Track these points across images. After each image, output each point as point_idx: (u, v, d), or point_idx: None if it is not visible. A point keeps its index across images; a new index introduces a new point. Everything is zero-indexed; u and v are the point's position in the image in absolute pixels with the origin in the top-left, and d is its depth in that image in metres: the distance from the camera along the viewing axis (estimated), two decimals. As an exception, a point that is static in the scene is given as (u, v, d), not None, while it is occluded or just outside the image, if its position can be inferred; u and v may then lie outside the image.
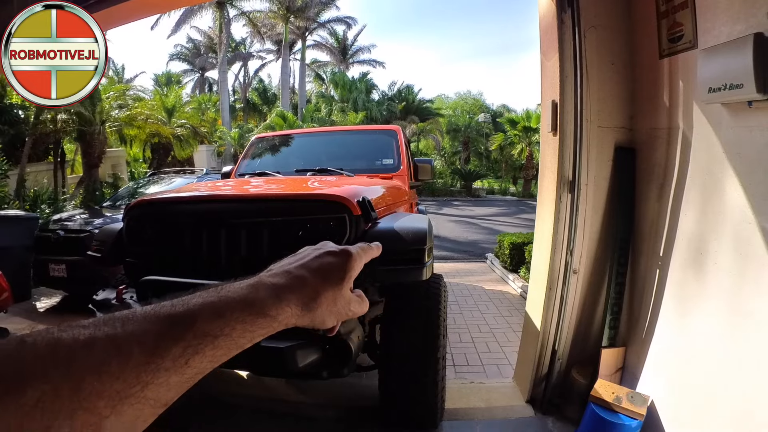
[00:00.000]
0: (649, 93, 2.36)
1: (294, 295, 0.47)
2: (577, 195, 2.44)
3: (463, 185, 25.55)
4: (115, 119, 12.90)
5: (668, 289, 2.20)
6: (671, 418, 2.06)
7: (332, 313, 0.51)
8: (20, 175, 10.22)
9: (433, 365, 2.18)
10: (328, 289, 0.50)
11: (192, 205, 2.41)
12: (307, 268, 0.51)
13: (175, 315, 0.39)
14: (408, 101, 25.03)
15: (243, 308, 0.43)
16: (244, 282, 0.47)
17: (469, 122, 29.49)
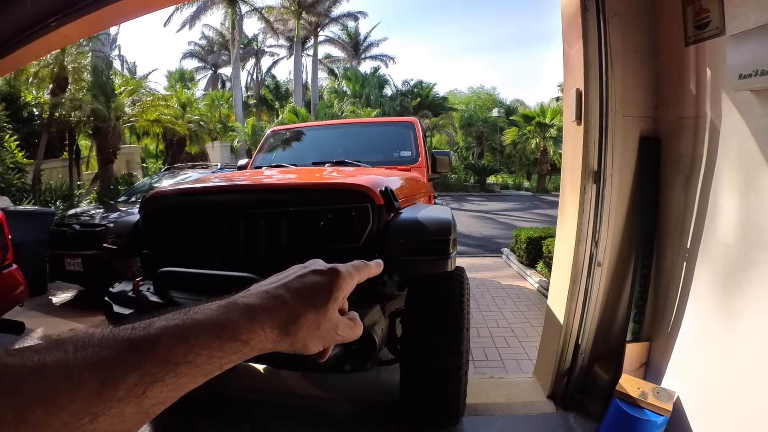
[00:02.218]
0: (675, 81, 2.29)
1: (270, 317, 0.43)
2: (602, 186, 2.38)
3: (476, 180, 25.40)
4: (130, 115, 13.02)
5: (695, 282, 2.13)
6: (697, 414, 2.01)
7: (315, 337, 0.47)
8: (36, 170, 10.44)
9: (457, 359, 2.12)
10: (309, 312, 0.46)
11: (210, 195, 2.38)
12: (287, 288, 0.47)
13: (134, 339, 0.36)
14: (421, 96, 24.91)
15: (210, 332, 0.39)
16: (216, 303, 0.43)
17: (484, 117, 29.26)
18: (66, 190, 10.31)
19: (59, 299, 5.57)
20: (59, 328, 3.52)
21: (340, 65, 33.30)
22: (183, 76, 31.32)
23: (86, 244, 5.26)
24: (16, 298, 3.07)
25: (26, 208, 6.05)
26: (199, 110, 17.52)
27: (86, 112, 11.59)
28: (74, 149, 12.64)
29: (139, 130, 14.12)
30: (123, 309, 2.09)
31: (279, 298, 0.45)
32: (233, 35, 25.66)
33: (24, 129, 10.99)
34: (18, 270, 3.07)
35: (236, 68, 26.45)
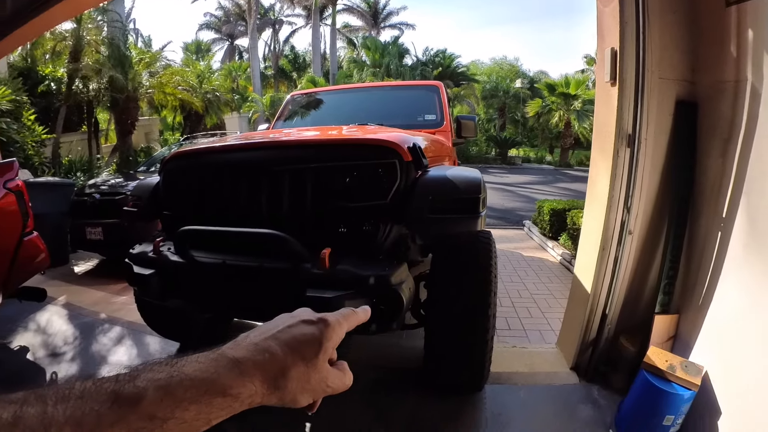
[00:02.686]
0: (714, 44, 2.14)
1: (259, 370, 0.42)
2: (637, 150, 2.28)
3: (498, 153, 25.04)
4: (149, 86, 13.03)
5: (730, 253, 2.03)
6: (726, 390, 1.93)
7: (305, 390, 0.46)
8: (55, 143, 10.55)
9: (484, 324, 2.07)
10: (299, 365, 0.45)
11: (231, 153, 2.31)
12: (276, 340, 0.46)
13: (118, 392, 0.34)
14: (443, 66, 24.33)
15: (198, 386, 0.38)
16: (203, 355, 0.42)
17: (506, 88, 28.58)
18: (86, 163, 10.43)
19: (81, 269, 5.67)
20: (81, 296, 3.60)
21: (359, 34, 32.68)
22: (199, 47, 31.17)
23: (106, 212, 5.32)
24: (37, 265, 3.10)
25: (47, 180, 6.07)
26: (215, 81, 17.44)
27: (104, 81, 11.61)
28: (93, 122, 12.73)
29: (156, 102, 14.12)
30: (143, 269, 2.07)
31: (268, 350, 0.44)
32: (250, 5, 25.37)
33: (42, 103, 11.07)
34: (39, 237, 3.08)
35: (253, 39, 26.20)
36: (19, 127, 8.46)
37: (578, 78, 23.56)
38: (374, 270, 1.70)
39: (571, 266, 5.24)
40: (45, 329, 3.56)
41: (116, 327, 3.56)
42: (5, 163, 2.88)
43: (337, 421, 2.25)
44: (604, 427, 2.21)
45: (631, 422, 2.09)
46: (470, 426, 2.25)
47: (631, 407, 2.11)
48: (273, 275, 1.83)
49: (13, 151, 7.52)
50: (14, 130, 8.09)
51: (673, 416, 1.96)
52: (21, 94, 8.94)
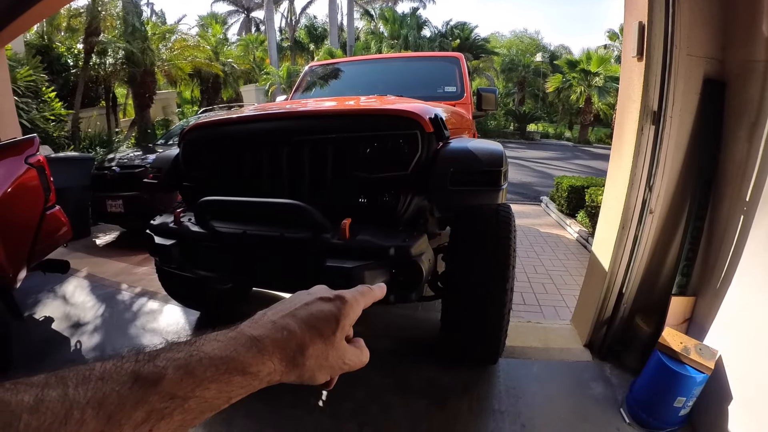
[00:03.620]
0: (746, 21, 2.06)
1: (278, 348, 0.42)
2: (662, 128, 2.23)
3: (516, 128, 24.68)
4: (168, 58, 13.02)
5: (751, 238, 1.98)
6: (740, 377, 1.91)
7: (323, 368, 0.46)
8: (74, 119, 10.63)
9: (501, 296, 2.07)
10: (317, 342, 0.45)
11: (252, 123, 2.30)
12: (293, 318, 0.46)
13: (138, 372, 0.34)
14: (461, 38, 23.83)
15: (218, 365, 0.38)
16: (222, 333, 0.42)
17: (526, 62, 27.92)
18: (104, 138, 10.51)
19: (102, 241, 5.81)
20: (103, 267, 3.68)
21: (377, 5, 32.04)
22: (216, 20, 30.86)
23: (126, 185, 5.43)
24: (60, 238, 3.14)
25: (67, 155, 6.15)
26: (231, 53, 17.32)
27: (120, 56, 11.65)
28: (110, 97, 12.81)
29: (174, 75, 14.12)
30: (164, 240, 2.10)
31: (286, 328, 0.44)
32: (267, -26, 24.92)
33: (59, 80, 11.16)
34: (61, 211, 3.13)
35: (269, 10, 25.84)
36: (39, 103, 8.53)
37: (601, 54, 22.85)
38: (394, 241, 1.71)
39: (588, 244, 5.23)
40: (69, 300, 3.64)
41: (138, 297, 3.64)
42: (26, 139, 2.91)
43: (356, 389, 2.31)
44: (616, 405, 2.23)
45: (642, 402, 2.10)
46: (485, 397, 2.29)
47: (644, 387, 2.12)
48: (293, 245, 1.84)
49: (33, 129, 7.61)
50: (35, 109, 8.16)
51: (684, 398, 1.96)
52: (39, 72, 9.01)
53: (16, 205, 2.72)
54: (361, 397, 2.26)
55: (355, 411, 2.18)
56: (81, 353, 2.85)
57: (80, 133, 10.47)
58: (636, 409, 2.11)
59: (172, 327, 3.15)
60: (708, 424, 1.94)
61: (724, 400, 1.91)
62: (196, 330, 3.08)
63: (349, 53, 23.57)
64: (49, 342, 2.98)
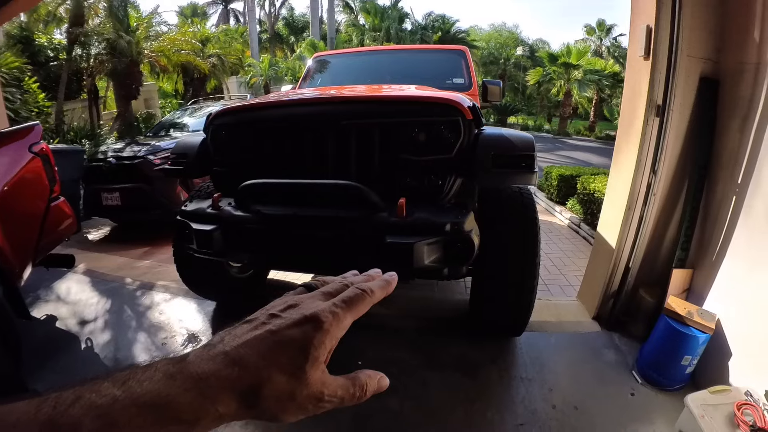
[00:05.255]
0: (740, 27, 2.32)
1: (225, 388, 0.35)
2: (666, 120, 2.49)
3: (497, 120, 25.02)
4: (152, 50, 12.85)
5: (743, 216, 2.28)
6: (736, 336, 2.20)
7: (288, 408, 0.38)
8: (58, 111, 10.41)
9: (532, 271, 2.27)
10: (277, 379, 0.37)
11: (297, 107, 2.30)
12: (252, 347, 0.38)
13: (54, 423, 0.30)
14: (443, 31, 24.07)
15: (147, 413, 0.32)
16: (163, 366, 0.36)
17: (508, 55, 28.32)
18: (89, 130, 10.29)
19: (94, 236, 5.66)
20: (103, 262, 3.87)
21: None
22: (195, 11, 30.40)
23: (124, 177, 5.24)
24: (65, 231, 2.97)
25: (56, 147, 5.83)
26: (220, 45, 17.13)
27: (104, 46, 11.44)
28: (93, 89, 12.57)
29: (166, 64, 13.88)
30: (204, 225, 2.04)
31: (239, 362, 0.37)
32: (248, -35, 24.62)
33: (41, 72, 10.89)
34: (66, 203, 2.95)
35: (251, 1, 25.57)
36: (22, 94, 8.37)
37: (580, 48, 23.42)
38: (448, 217, 1.83)
39: (580, 229, 5.53)
40: (71, 297, 3.52)
41: (144, 291, 3.60)
42: (27, 127, 2.69)
43: (390, 367, 2.47)
44: (627, 368, 2.50)
45: (652, 363, 2.38)
46: (512, 366, 2.54)
47: (653, 349, 2.39)
48: (350, 224, 1.87)
49: (18, 120, 7.48)
50: (19, 100, 8.02)
51: (690, 356, 2.24)
52: (21, 61, 8.84)
53: (22, 197, 2.54)
54: (395, 374, 2.42)
55: (394, 387, 2.35)
56: (94, 351, 2.75)
57: (64, 125, 10.31)
58: (647, 370, 2.39)
59: (184, 321, 3.10)
60: (709, 379, 2.21)
61: (724, 357, 2.20)
62: (211, 322, 3.09)
63: (330, 46, 23.48)
64: (56, 341, 2.87)
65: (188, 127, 6.89)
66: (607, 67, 23.30)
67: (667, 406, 2.19)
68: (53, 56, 11.84)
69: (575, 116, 26.07)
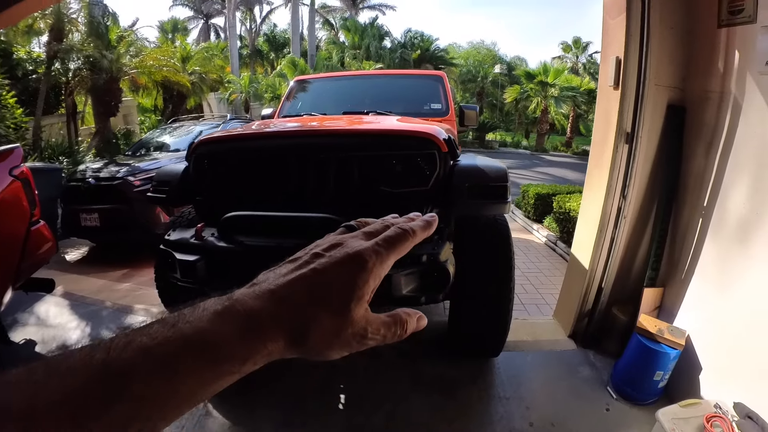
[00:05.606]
0: (704, 58, 2.46)
1: (275, 324, 0.36)
2: (634, 146, 2.62)
3: (475, 137, 25.42)
4: (132, 66, 12.78)
5: (709, 236, 2.40)
6: (705, 349, 2.32)
7: (333, 345, 0.39)
8: (36, 127, 10.28)
9: (508, 293, 2.36)
10: (323, 317, 0.37)
11: (278, 139, 2.38)
12: (298, 285, 0.38)
13: (108, 365, 0.29)
14: (422, 49, 24.49)
15: (199, 353, 0.32)
16: (211, 305, 0.36)
17: (486, 73, 28.91)
18: (67, 147, 10.18)
19: (72, 256, 5.56)
20: (81, 285, 3.82)
21: (337, 15, 32.40)
22: (176, 26, 30.33)
23: (103, 198, 5.18)
24: (45, 255, 2.92)
25: (34, 166, 5.72)
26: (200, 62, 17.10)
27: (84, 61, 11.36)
28: (71, 104, 12.42)
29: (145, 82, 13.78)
30: (188, 256, 2.04)
31: (285, 300, 0.37)
32: (229, -19, 24.77)
33: (18, 86, 10.71)
34: (46, 226, 2.92)
35: (232, 18, 25.68)
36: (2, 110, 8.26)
37: (557, 66, 24.13)
38: (425, 249, 1.88)
39: (557, 247, 5.66)
40: (50, 321, 3.46)
41: (125, 314, 3.53)
42: (8, 149, 2.67)
43: (376, 385, 2.55)
44: (602, 384, 2.58)
45: (625, 379, 2.47)
46: (491, 386, 2.59)
47: (626, 366, 2.48)
48: None
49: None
50: (0, 117, 7.89)
51: (662, 372, 2.34)
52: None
53: (1, 221, 2.52)
54: (381, 392, 2.50)
55: (378, 404, 2.41)
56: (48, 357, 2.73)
57: (42, 142, 10.13)
58: (621, 386, 2.47)
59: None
60: (681, 392, 2.31)
61: (694, 371, 2.31)
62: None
63: (310, 62, 23.67)
64: None
65: (168, 147, 6.86)
66: (583, 84, 23.99)
67: (641, 420, 2.28)
68: (32, 70, 11.69)
69: (552, 132, 26.68)
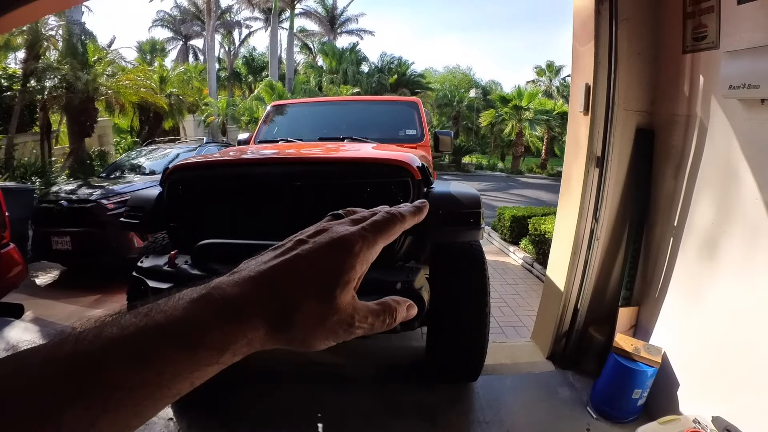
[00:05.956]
0: (671, 83, 2.57)
1: (256, 312, 0.34)
2: (605, 170, 2.69)
3: (452, 160, 25.76)
4: (108, 86, 12.64)
5: (681, 255, 2.47)
6: (682, 365, 2.36)
7: (318, 333, 0.36)
8: (8, 145, 10.06)
9: (484, 318, 2.37)
10: (308, 302, 0.35)
11: (251, 167, 2.40)
12: (281, 270, 0.36)
13: (78, 355, 0.28)
14: (399, 74, 24.94)
15: (175, 341, 0.31)
16: (187, 294, 0.34)
17: (461, 97, 29.51)
18: (40, 166, 9.97)
19: (42, 280, 5.40)
20: (52, 310, 3.73)
21: (316, 40, 32.80)
22: (154, 47, 30.24)
23: (76, 221, 5.06)
24: (15, 278, 2.89)
25: (4, 185, 5.67)
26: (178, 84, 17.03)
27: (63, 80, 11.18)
28: (46, 123, 12.20)
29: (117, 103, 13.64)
30: (160, 284, 2.03)
31: (269, 285, 0.35)
32: (209, 5, 24.91)
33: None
34: (16, 249, 2.88)
35: (211, 40, 25.78)
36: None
37: (531, 90, 24.82)
38: (399, 276, 1.93)
39: (533, 269, 5.73)
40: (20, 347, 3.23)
41: None
42: None
43: (351, 414, 2.50)
44: (582, 404, 2.59)
45: (605, 398, 2.48)
46: (470, 410, 2.58)
47: (604, 385, 2.50)
48: None
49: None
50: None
51: (640, 390, 2.36)
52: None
53: None
54: (359, 423, 2.45)
55: None
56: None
57: (14, 160, 9.87)
58: (601, 405, 2.49)
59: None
60: (660, 409, 2.33)
61: (672, 387, 2.35)
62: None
63: (288, 86, 23.83)
64: None
65: (144, 169, 6.76)
66: (556, 106, 24.67)
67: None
68: (6, 86, 11.45)
69: (527, 154, 27.24)
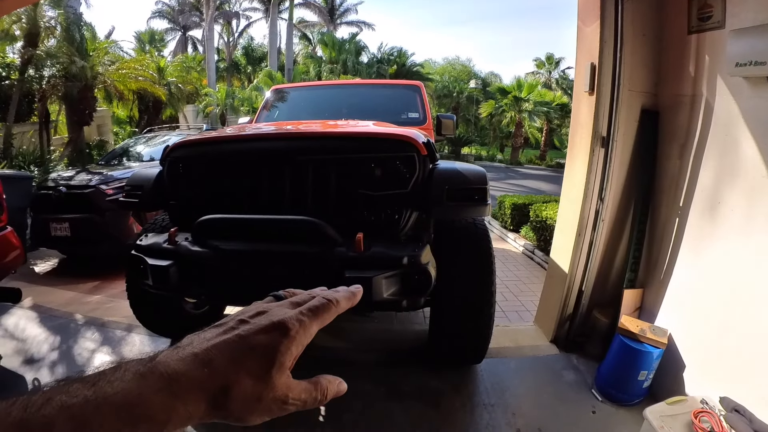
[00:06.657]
0: (676, 63, 2.55)
1: (195, 389, 0.36)
2: (610, 150, 2.66)
3: (451, 151, 25.69)
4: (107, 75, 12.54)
5: (686, 235, 2.45)
6: (688, 346, 2.34)
7: (254, 410, 0.39)
8: (7, 134, 10.01)
9: (490, 299, 2.32)
10: (244, 382, 0.38)
11: (253, 142, 2.34)
12: (221, 350, 0.39)
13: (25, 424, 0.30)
14: (398, 64, 24.77)
15: (118, 413, 0.33)
16: (133, 366, 0.36)
17: (461, 89, 29.38)
18: (38, 155, 9.94)
19: (41, 268, 5.37)
20: (50, 297, 3.66)
21: (315, 30, 32.60)
22: (153, 37, 30.00)
23: (74, 207, 5.02)
24: (11, 262, 2.83)
25: (3, 173, 5.66)
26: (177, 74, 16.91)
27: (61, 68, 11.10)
28: (44, 112, 12.13)
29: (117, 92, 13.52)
30: (160, 261, 1.98)
31: (209, 364, 0.38)
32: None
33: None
34: (13, 233, 2.82)
35: (210, 30, 25.57)
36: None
37: (530, 81, 24.69)
38: (406, 251, 1.86)
39: (534, 255, 5.72)
40: (17, 333, 3.30)
41: (95, 327, 3.40)
42: None
43: (353, 400, 2.42)
44: (587, 387, 2.58)
45: (610, 381, 2.47)
46: (474, 394, 2.56)
47: (610, 367, 2.48)
48: (309, 260, 1.88)
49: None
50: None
51: (646, 371, 2.35)
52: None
53: None
54: (359, 408, 2.40)
55: (356, 421, 2.31)
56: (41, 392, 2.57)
57: (12, 149, 9.84)
58: (606, 388, 2.48)
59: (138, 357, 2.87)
60: (666, 391, 2.32)
61: (677, 369, 2.34)
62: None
63: (287, 77, 23.66)
64: (1, 381, 2.67)
65: (143, 156, 6.71)
66: (555, 98, 24.60)
67: (628, 420, 2.28)
68: (5, 75, 11.39)
69: (527, 146, 27.21)
